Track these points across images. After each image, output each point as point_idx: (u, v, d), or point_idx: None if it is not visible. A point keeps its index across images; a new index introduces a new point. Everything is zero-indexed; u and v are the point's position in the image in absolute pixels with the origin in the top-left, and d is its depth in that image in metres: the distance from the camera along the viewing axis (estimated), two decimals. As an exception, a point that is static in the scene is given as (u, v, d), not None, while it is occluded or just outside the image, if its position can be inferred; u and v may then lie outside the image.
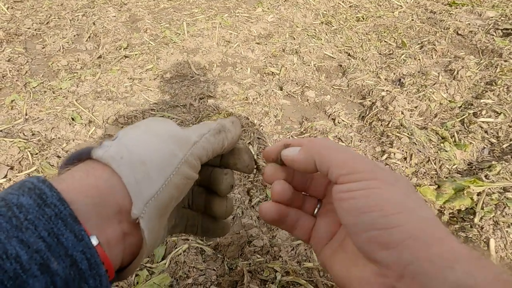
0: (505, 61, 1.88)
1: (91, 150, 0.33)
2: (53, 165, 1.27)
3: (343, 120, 1.58)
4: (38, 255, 0.25)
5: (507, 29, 2.22)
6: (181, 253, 0.99)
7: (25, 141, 1.35)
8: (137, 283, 0.93)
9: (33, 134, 1.42)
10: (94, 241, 0.29)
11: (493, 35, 2.19)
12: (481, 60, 1.95)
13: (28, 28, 2.20)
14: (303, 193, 0.42)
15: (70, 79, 1.77)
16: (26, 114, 1.52)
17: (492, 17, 2.41)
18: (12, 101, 1.58)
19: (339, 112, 1.61)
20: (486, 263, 0.26)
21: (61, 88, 1.70)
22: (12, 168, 1.27)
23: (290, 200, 0.40)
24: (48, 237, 0.26)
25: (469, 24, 2.32)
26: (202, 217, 0.47)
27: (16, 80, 1.75)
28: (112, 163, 0.32)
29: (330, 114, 1.63)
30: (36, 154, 1.32)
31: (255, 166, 0.45)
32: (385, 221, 0.29)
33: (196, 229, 0.47)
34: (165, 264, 0.97)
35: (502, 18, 2.37)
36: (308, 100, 1.73)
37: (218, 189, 0.44)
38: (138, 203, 0.32)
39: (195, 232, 0.47)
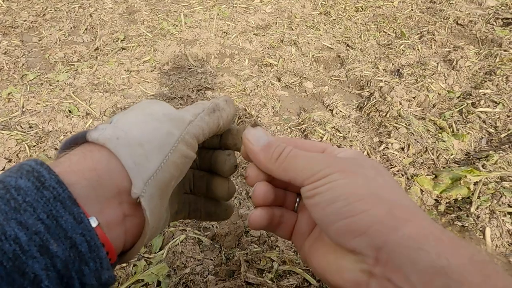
0: (505, 50, 1.87)
1: (86, 133, 0.33)
2: (50, 157, 1.28)
3: (341, 111, 1.57)
4: (37, 236, 0.25)
5: (507, 18, 2.20)
6: (178, 243, 0.99)
7: (22, 133, 1.35)
8: (135, 273, 0.93)
9: (30, 127, 1.41)
10: (93, 222, 0.29)
11: (493, 24, 2.17)
12: (480, 50, 1.94)
13: (24, 21, 2.18)
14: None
15: (67, 72, 1.76)
16: (23, 107, 1.52)
17: (492, 7, 2.39)
18: (9, 93, 1.58)
19: (337, 103, 1.60)
20: (459, 244, 0.26)
21: (58, 81, 1.69)
22: (10, 160, 1.27)
23: (274, 201, 0.39)
24: (47, 219, 0.26)
25: (469, 13, 2.30)
26: (205, 201, 0.47)
27: (13, 73, 1.75)
28: (109, 144, 0.32)
29: (328, 105, 1.62)
30: (34, 146, 1.32)
31: None
32: (350, 209, 0.29)
33: (199, 213, 0.47)
34: (162, 254, 0.97)
35: (502, 8, 2.34)
36: (306, 91, 1.73)
37: (221, 170, 0.44)
38: (138, 183, 0.31)
39: (199, 216, 0.47)
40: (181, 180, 0.45)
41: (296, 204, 0.40)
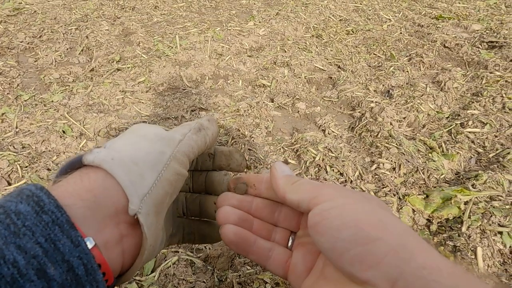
0: (491, 72, 1.93)
1: (81, 157, 0.34)
2: (42, 178, 1.27)
3: (333, 131, 1.60)
4: (35, 260, 0.26)
5: (492, 41, 2.28)
6: (170, 266, 0.98)
7: (15, 154, 1.35)
8: (126, 296, 0.92)
9: (23, 147, 1.41)
10: (90, 243, 0.29)
11: (478, 47, 2.25)
12: (467, 72, 2.00)
13: (21, 42, 2.21)
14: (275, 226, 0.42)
15: (62, 92, 1.77)
16: (16, 127, 1.52)
17: (477, 30, 2.48)
18: (2, 114, 1.58)
19: (329, 123, 1.63)
20: (474, 279, 0.25)
21: (52, 101, 1.70)
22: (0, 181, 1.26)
23: (244, 224, 0.39)
24: (45, 243, 0.27)
25: (456, 37, 2.38)
26: (198, 223, 0.48)
27: (8, 93, 1.75)
28: (104, 165, 0.33)
29: (320, 125, 1.65)
30: (26, 167, 1.31)
31: (246, 165, 0.48)
32: (363, 236, 0.28)
33: (193, 236, 0.48)
34: (154, 277, 0.96)
35: (487, 31, 2.43)
36: (298, 111, 1.75)
37: (220, 190, 0.45)
38: (134, 200, 0.32)
39: (193, 240, 0.48)
40: (174, 204, 0.46)
41: (290, 242, 0.40)
